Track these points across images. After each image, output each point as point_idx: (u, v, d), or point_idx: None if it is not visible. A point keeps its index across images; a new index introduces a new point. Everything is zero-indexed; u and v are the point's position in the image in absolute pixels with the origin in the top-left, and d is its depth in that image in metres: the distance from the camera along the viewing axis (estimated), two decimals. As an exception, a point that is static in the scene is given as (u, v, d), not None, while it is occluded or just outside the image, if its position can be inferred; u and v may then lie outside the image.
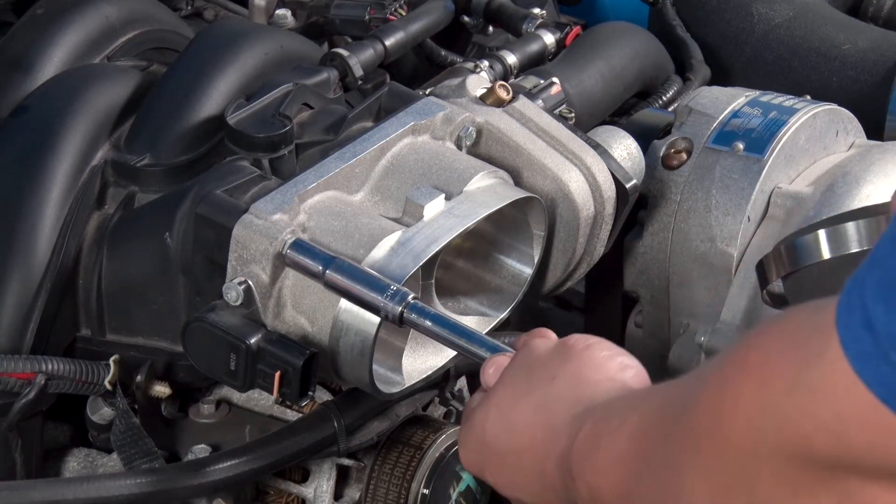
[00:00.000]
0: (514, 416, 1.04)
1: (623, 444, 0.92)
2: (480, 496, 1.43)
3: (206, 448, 1.35)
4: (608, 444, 0.94)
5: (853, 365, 0.72)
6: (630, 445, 0.92)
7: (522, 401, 1.04)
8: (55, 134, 1.35)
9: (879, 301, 0.71)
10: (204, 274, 1.26)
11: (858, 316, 0.72)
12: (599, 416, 0.97)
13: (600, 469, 0.94)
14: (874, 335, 0.71)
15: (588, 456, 0.96)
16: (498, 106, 1.41)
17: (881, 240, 0.72)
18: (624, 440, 0.92)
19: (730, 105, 1.58)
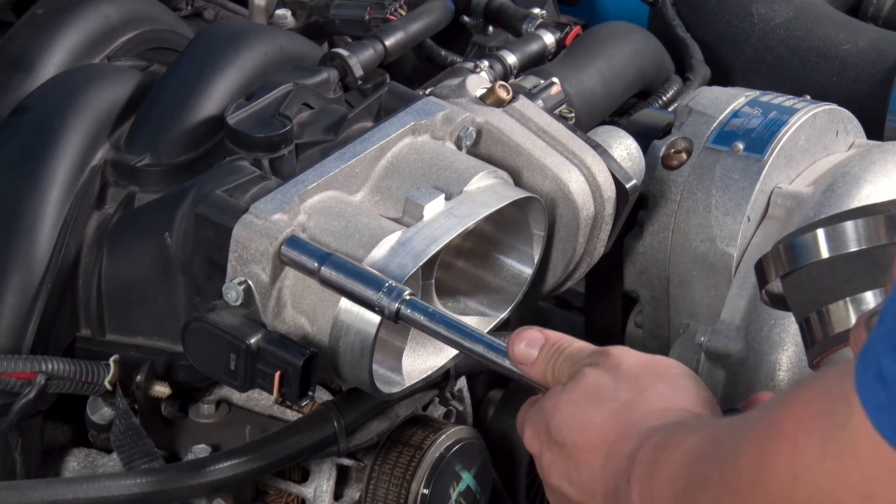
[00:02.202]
0: (591, 413, 1.05)
1: (678, 464, 0.94)
2: (480, 496, 1.43)
3: (206, 448, 1.35)
4: (666, 460, 0.96)
5: (872, 420, 0.73)
6: (682, 468, 0.94)
7: (605, 403, 1.05)
8: (55, 134, 1.35)
9: (887, 351, 0.73)
10: (204, 274, 1.26)
11: (873, 371, 0.73)
12: (668, 431, 0.99)
13: (657, 482, 0.96)
14: (886, 386, 0.72)
15: (649, 465, 0.98)
16: (498, 106, 1.41)
17: (889, 298, 0.75)
18: (679, 460, 0.95)
19: (730, 105, 1.58)
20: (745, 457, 0.85)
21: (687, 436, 0.96)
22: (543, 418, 1.08)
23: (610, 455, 1.03)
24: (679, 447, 0.95)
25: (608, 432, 1.04)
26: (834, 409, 0.77)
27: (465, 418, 1.51)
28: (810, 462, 0.78)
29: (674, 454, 0.95)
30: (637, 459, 0.99)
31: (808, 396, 0.81)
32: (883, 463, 0.74)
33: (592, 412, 1.05)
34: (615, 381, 1.06)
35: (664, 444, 0.98)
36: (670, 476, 0.95)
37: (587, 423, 1.05)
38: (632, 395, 1.04)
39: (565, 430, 1.06)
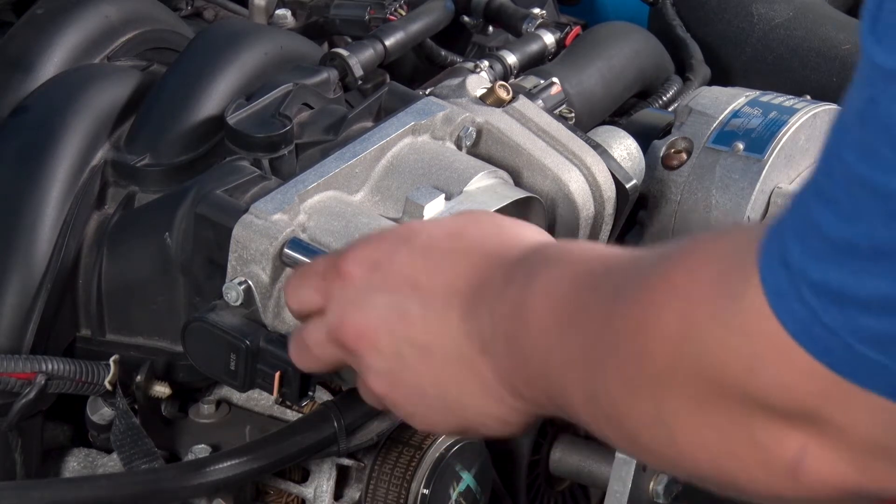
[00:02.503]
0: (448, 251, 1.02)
1: (563, 281, 0.92)
2: (480, 496, 1.43)
3: (206, 448, 1.35)
4: (553, 272, 0.94)
5: (769, 301, 0.74)
6: (567, 289, 0.92)
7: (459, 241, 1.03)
8: (55, 134, 1.35)
9: (796, 239, 0.73)
10: (204, 274, 1.26)
11: (777, 253, 0.74)
12: (560, 247, 0.98)
13: (535, 289, 0.94)
14: (789, 272, 0.73)
15: (532, 273, 0.95)
16: (498, 106, 1.41)
17: (803, 183, 0.75)
18: (565, 277, 0.93)
19: (730, 105, 1.58)
20: (634, 304, 0.84)
21: (578, 257, 0.95)
22: (400, 231, 1.06)
23: (488, 256, 1.00)
24: (568, 266, 0.94)
25: (486, 238, 1.02)
26: (732, 278, 0.78)
27: (465, 418, 1.51)
28: (700, 325, 0.79)
29: (562, 270, 0.93)
30: (523, 262, 0.97)
31: (706, 257, 0.82)
32: (773, 344, 0.74)
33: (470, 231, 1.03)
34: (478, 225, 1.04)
35: (555, 257, 0.96)
36: (552, 289, 0.93)
37: (463, 233, 1.03)
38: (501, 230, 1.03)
39: (432, 239, 1.03)
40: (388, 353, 1.03)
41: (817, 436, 0.76)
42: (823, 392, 0.74)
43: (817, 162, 0.74)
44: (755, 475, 0.80)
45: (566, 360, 0.91)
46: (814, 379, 0.73)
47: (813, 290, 0.72)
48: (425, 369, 1.02)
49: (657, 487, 1.47)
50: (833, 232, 0.71)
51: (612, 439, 0.91)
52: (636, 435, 0.86)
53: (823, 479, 0.77)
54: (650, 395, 0.83)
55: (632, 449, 0.90)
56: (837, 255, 0.70)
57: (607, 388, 0.86)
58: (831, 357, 0.72)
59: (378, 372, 1.05)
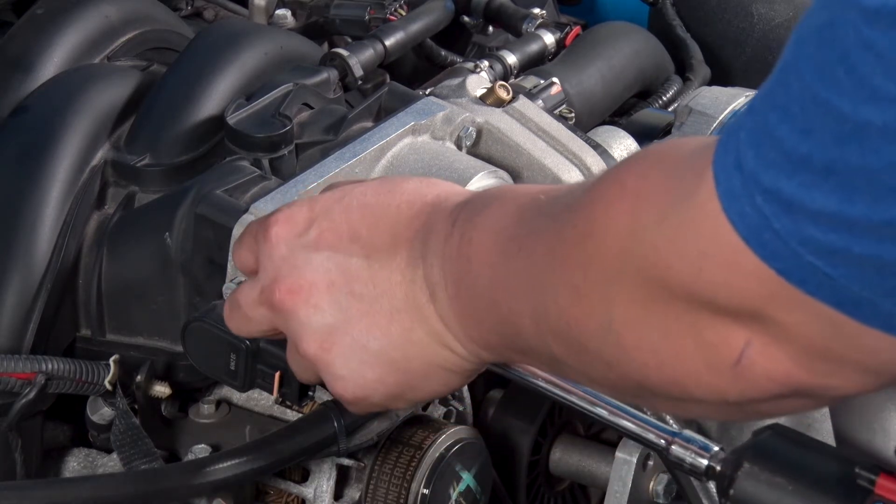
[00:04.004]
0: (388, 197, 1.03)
1: (508, 216, 0.93)
2: (480, 496, 1.43)
3: (206, 448, 1.35)
4: (497, 208, 0.95)
5: (722, 202, 0.75)
6: (511, 219, 0.93)
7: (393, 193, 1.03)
8: (55, 134, 1.35)
9: (751, 146, 0.74)
10: (204, 274, 1.26)
11: (732, 157, 0.75)
12: (504, 188, 1.01)
13: (479, 225, 0.95)
14: (743, 176, 0.74)
15: (476, 210, 0.96)
16: (498, 106, 1.41)
17: (760, 90, 0.76)
18: (509, 212, 0.93)
19: (730, 105, 1.58)
20: (582, 209, 0.86)
21: (521, 191, 0.96)
22: (333, 193, 1.05)
23: (429, 204, 1.00)
24: (511, 200, 0.95)
25: (425, 190, 1.02)
26: (683, 178, 0.79)
27: (465, 418, 1.51)
28: (649, 223, 0.80)
29: (505, 205, 0.95)
30: (466, 204, 0.98)
31: (658, 159, 0.83)
32: (721, 243, 0.76)
33: (403, 181, 1.04)
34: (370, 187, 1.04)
35: (498, 195, 0.97)
36: (496, 223, 0.94)
37: (399, 185, 1.03)
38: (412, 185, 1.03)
39: (367, 194, 1.03)
40: (328, 308, 1.02)
41: (761, 333, 0.78)
42: (769, 294, 0.75)
43: (775, 71, 0.75)
44: (701, 375, 0.82)
45: (514, 287, 0.92)
46: (760, 281, 0.75)
47: (765, 196, 0.73)
48: (370, 321, 1.01)
49: (657, 487, 1.47)
50: (787, 143, 0.72)
51: (562, 355, 0.91)
52: (584, 344, 0.87)
53: (767, 373, 0.79)
54: (598, 299, 0.84)
55: (581, 360, 0.90)
56: (790, 166, 0.72)
57: (556, 300, 0.87)
58: (779, 262, 0.74)
59: (314, 330, 1.03)
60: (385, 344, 1.01)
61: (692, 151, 0.80)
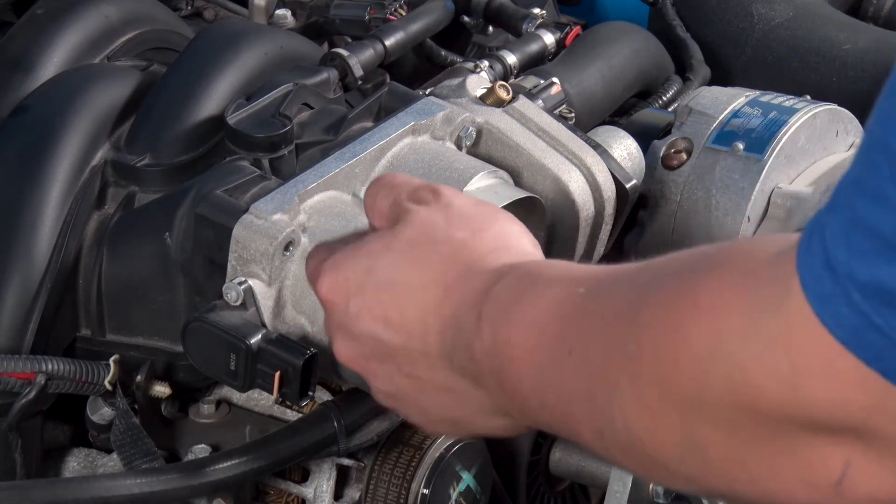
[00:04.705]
0: (425, 252, 0.98)
1: (545, 312, 0.88)
2: (480, 496, 1.43)
3: (206, 448, 1.35)
4: (530, 304, 0.89)
5: (813, 308, 0.70)
6: (552, 317, 0.87)
7: (441, 242, 0.99)
8: (55, 134, 1.35)
9: (841, 241, 0.69)
10: (204, 274, 1.26)
11: (819, 258, 0.70)
12: (529, 271, 0.92)
13: (515, 323, 0.89)
14: (835, 275, 0.69)
15: (507, 304, 0.90)
16: (498, 106, 1.41)
17: (841, 182, 0.71)
18: (547, 308, 0.88)
19: (730, 105, 1.58)
20: (648, 328, 0.78)
21: (554, 282, 0.89)
22: (362, 260, 1.01)
23: (450, 289, 0.95)
24: (545, 294, 0.88)
25: (446, 269, 0.97)
26: (764, 289, 0.73)
27: (465, 418, 1.51)
28: (733, 343, 0.73)
29: (539, 300, 0.88)
30: (491, 295, 0.92)
31: (734, 271, 0.76)
32: (818, 352, 0.70)
33: (426, 251, 0.98)
34: (447, 219, 0.99)
35: (527, 286, 0.90)
36: (534, 322, 0.88)
37: (420, 261, 0.98)
38: (468, 235, 0.98)
39: (392, 270, 0.99)
40: (386, 380, 1.03)
41: (863, 449, 0.72)
42: (873, 402, 0.69)
43: (857, 156, 0.70)
44: (796, 493, 0.76)
45: (568, 393, 0.86)
46: (864, 388, 0.69)
47: (862, 292, 0.67)
48: (423, 397, 1.02)
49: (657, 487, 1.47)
50: (883, 227, 0.66)
51: (632, 467, 0.86)
52: (662, 462, 0.81)
53: (869, 492, 0.73)
54: (678, 421, 0.78)
55: (656, 475, 0.85)
56: (890, 252, 0.66)
57: (624, 417, 0.81)
58: (884, 363, 0.67)
59: (378, 390, 1.06)
60: (443, 413, 1.02)
61: (769, 260, 0.74)
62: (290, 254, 1.22)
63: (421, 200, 1.02)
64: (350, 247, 1.04)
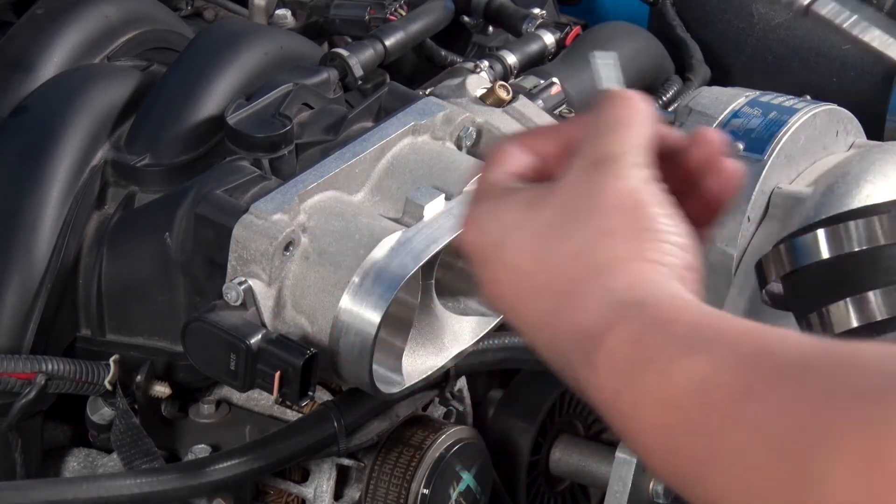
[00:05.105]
0: (554, 247, 0.83)
1: (685, 392, 0.72)
2: (480, 496, 1.43)
3: (206, 448, 1.35)
4: (663, 372, 0.73)
5: None
6: (697, 405, 0.71)
7: (564, 242, 0.82)
8: (55, 134, 1.35)
9: None
10: (204, 274, 1.26)
11: None
12: (654, 322, 0.76)
13: (642, 392, 0.74)
14: None
15: (630, 369, 0.76)
16: (498, 106, 1.41)
17: None
18: (687, 385, 0.72)
19: (730, 105, 1.58)
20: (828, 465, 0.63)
21: (695, 349, 0.73)
22: (497, 227, 0.86)
23: (557, 311, 0.81)
24: (686, 366, 0.72)
25: (561, 274, 0.81)
26: None
27: (465, 418, 1.51)
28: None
29: (675, 375, 0.72)
30: (606, 347, 0.76)
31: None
32: None
33: (550, 245, 0.83)
34: (590, 200, 0.83)
35: (657, 346, 0.75)
36: (671, 401, 0.72)
37: (541, 256, 0.83)
38: (598, 233, 0.82)
39: (516, 254, 0.85)
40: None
41: None
42: None
43: None
44: None
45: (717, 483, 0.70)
46: None
47: None
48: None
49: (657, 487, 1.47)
50: None
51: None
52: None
53: None
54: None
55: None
56: None
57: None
58: None
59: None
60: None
61: None
62: (290, 254, 1.22)
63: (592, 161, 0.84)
64: (498, 198, 0.88)
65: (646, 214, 0.83)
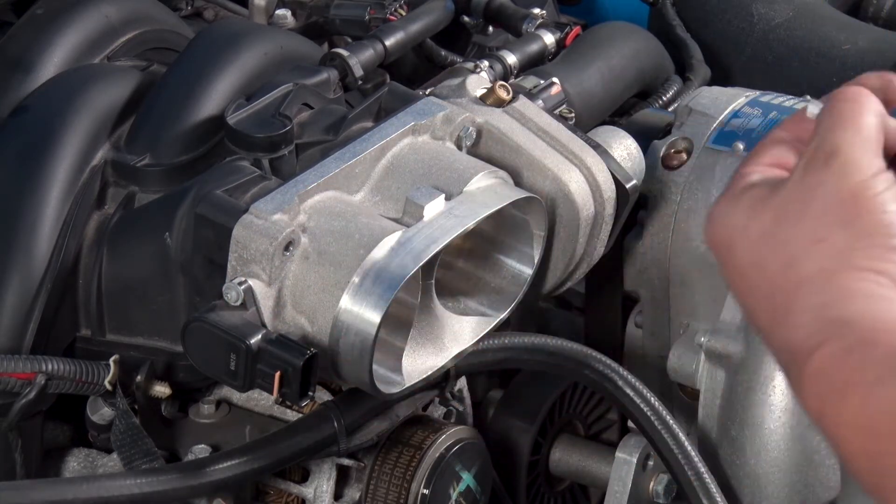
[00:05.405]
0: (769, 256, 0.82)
1: (879, 414, 0.73)
2: (480, 496, 1.43)
3: (206, 448, 1.35)
4: (865, 395, 0.74)
5: None
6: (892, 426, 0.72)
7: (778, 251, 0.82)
8: (55, 134, 1.35)
9: None
10: (204, 274, 1.26)
11: None
12: (860, 342, 0.75)
13: (846, 412, 0.75)
14: None
15: (836, 387, 0.76)
16: (498, 106, 1.41)
17: None
18: (884, 410, 0.73)
19: (730, 105, 1.58)
20: None
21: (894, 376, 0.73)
22: (727, 230, 0.86)
23: (773, 323, 0.81)
24: (882, 395, 0.72)
25: (774, 291, 0.81)
26: None
27: (465, 418, 1.51)
28: None
29: (878, 399, 0.72)
30: (815, 362, 0.76)
31: None
32: None
33: (766, 254, 0.82)
34: (803, 205, 0.81)
35: (862, 367, 0.74)
36: (872, 427, 0.73)
37: (757, 267, 0.83)
38: (809, 242, 0.80)
39: (740, 260, 0.84)
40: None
41: None
42: None
43: None
44: None
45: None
46: None
47: None
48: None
49: (657, 487, 1.47)
50: None
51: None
52: None
53: None
54: None
55: None
56: None
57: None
58: None
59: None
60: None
61: None
62: (290, 254, 1.22)
63: (811, 158, 0.83)
64: (735, 197, 0.88)
65: (867, 212, 0.79)
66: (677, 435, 1.35)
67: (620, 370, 1.38)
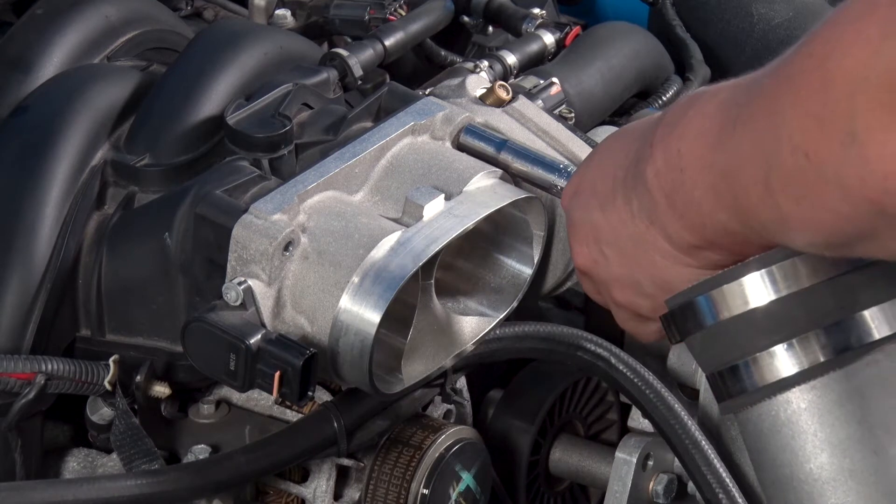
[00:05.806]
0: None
1: (708, 116, 0.93)
2: (480, 496, 1.43)
3: (206, 448, 1.35)
4: (695, 113, 0.95)
5: None
6: (717, 111, 0.92)
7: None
8: (55, 134, 1.35)
9: None
10: (204, 274, 1.26)
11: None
12: (694, 93, 0.98)
13: (683, 135, 0.95)
14: None
15: (673, 123, 0.97)
16: (498, 106, 1.41)
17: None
18: (712, 108, 0.93)
19: (730, 105, 1.58)
20: (819, 36, 0.83)
21: (721, 89, 0.94)
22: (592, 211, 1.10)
23: (630, 146, 1.03)
24: (709, 102, 0.94)
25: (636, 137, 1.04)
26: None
27: (465, 418, 1.51)
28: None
29: (704, 107, 0.94)
30: (662, 121, 0.98)
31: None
32: None
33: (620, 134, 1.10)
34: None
35: (693, 100, 0.96)
36: (701, 128, 0.94)
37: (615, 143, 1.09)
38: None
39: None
40: (595, 261, 1.10)
41: None
42: None
43: None
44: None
45: (736, 167, 0.90)
46: None
47: None
48: (621, 261, 1.08)
49: (657, 487, 1.47)
50: None
51: (789, 207, 0.88)
52: (822, 173, 0.84)
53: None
54: (840, 115, 0.81)
55: (813, 199, 0.86)
56: None
57: (791, 141, 0.85)
58: None
59: (594, 283, 1.14)
60: (638, 276, 1.07)
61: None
62: (289, 254, 1.22)
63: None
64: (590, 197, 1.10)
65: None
66: (672, 406, 1.35)
67: (613, 349, 1.38)
